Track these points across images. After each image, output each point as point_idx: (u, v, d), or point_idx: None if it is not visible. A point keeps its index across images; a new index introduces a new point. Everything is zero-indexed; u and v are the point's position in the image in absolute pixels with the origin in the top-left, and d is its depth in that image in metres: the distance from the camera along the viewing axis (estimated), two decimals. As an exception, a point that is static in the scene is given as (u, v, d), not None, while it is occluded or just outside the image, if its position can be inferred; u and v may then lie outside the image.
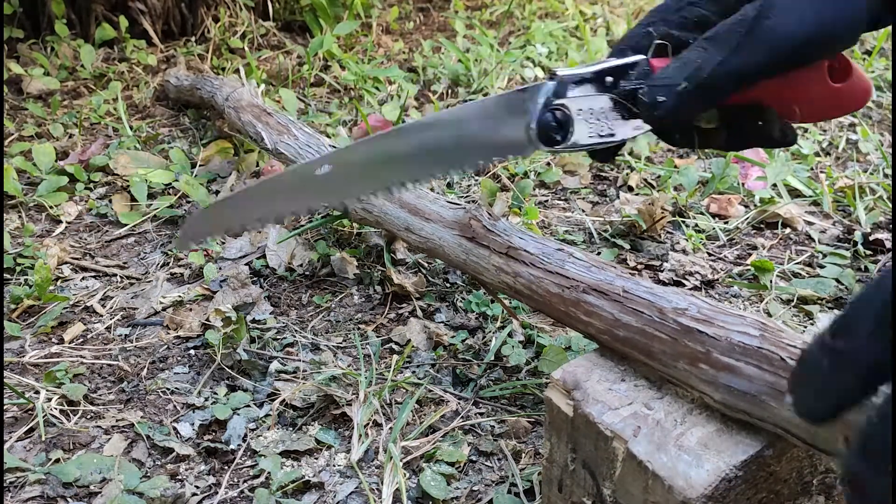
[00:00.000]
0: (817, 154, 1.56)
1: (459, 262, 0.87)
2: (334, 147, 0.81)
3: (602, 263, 0.73)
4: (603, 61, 0.56)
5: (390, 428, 0.82)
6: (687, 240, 1.22)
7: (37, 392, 0.86)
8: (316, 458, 0.79)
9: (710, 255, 1.20)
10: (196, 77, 1.69)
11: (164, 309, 1.04)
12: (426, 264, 1.13)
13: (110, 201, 1.34)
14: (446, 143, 0.61)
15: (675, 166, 1.43)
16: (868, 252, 1.17)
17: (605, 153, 0.60)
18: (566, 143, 0.57)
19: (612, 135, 0.57)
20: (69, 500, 0.73)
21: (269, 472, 0.76)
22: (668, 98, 0.52)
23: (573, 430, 0.52)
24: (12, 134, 1.60)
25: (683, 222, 1.27)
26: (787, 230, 1.26)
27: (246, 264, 1.14)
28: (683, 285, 1.09)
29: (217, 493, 0.75)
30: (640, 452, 0.46)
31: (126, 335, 1.00)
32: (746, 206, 1.32)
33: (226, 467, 0.78)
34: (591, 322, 0.65)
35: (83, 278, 1.12)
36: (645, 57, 0.55)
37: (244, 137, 1.37)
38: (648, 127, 0.57)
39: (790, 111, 0.55)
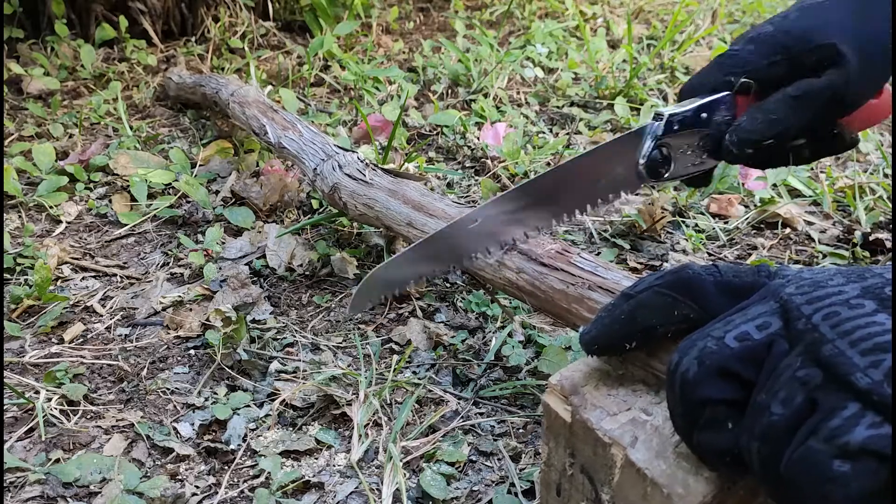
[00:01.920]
0: (817, 154, 1.56)
1: None
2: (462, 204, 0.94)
3: (608, 265, 0.73)
4: (700, 98, 0.62)
5: (390, 428, 0.82)
6: (687, 240, 1.22)
7: (37, 392, 0.86)
8: (316, 458, 0.79)
9: (710, 255, 1.20)
10: (200, 75, 1.70)
11: (164, 309, 1.04)
12: (426, 264, 1.14)
13: (110, 201, 1.34)
14: (572, 189, 0.69)
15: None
16: (867, 252, 1.17)
17: (700, 179, 0.66)
18: (668, 174, 0.64)
19: (704, 164, 0.64)
20: (69, 500, 0.73)
21: (269, 472, 0.76)
22: (756, 151, 0.58)
23: (571, 435, 0.52)
24: (12, 134, 1.60)
25: (683, 222, 1.27)
26: (787, 230, 1.26)
27: (246, 264, 1.14)
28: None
29: (217, 493, 0.75)
30: (639, 459, 0.46)
31: (126, 335, 1.00)
32: (746, 206, 1.32)
33: (226, 467, 0.78)
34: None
35: (83, 278, 1.13)
36: (730, 93, 0.61)
37: (247, 131, 1.38)
38: None
39: (848, 124, 0.63)
